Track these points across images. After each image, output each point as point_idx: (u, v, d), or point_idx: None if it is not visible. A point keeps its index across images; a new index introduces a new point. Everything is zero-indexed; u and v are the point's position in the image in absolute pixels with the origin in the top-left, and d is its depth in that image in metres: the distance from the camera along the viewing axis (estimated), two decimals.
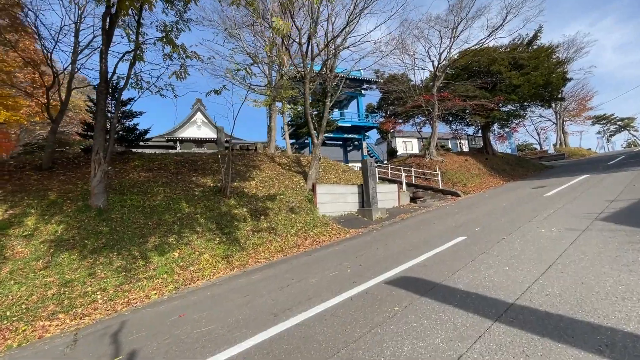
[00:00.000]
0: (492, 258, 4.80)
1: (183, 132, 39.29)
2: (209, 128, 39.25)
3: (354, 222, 11.07)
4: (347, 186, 12.36)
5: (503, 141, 36.85)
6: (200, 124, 39.94)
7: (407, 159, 21.23)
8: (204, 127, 39.44)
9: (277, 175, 12.37)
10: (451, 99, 18.06)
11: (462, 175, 17.75)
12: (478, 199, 12.71)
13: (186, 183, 10.33)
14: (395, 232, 8.57)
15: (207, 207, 9.40)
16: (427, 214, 11.03)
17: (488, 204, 11.02)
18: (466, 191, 15.40)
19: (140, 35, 9.74)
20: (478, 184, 17.04)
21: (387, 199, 13.56)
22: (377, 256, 6.16)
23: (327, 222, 10.55)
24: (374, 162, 11.82)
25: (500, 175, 19.57)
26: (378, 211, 11.57)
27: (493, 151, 24.09)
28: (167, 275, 6.92)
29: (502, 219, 7.81)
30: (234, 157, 13.54)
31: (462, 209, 10.91)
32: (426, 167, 18.73)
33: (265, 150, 16.95)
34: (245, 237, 8.70)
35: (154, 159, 12.05)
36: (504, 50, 20.32)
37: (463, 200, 13.23)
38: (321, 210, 11.31)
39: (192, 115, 40.75)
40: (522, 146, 40.81)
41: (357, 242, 8.22)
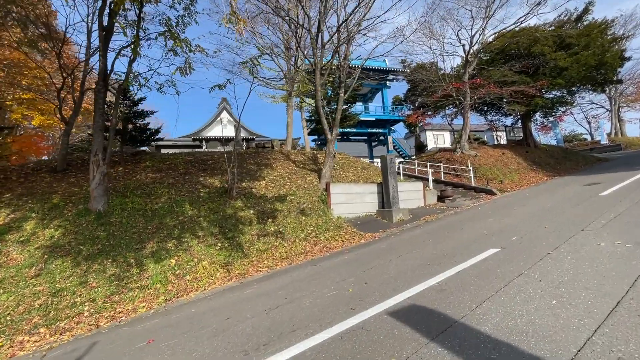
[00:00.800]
0: (533, 284, 3.67)
1: (209, 132, 40.05)
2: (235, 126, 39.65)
3: (372, 224, 10.06)
4: (365, 185, 11.34)
5: (546, 132, 33.57)
6: (225, 123, 40.46)
7: (436, 154, 19.63)
8: (229, 126, 39.87)
9: (290, 174, 11.63)
10: (485, 86, 16.23)
11: (498, 170, 15.97)
12: (516, 199, 11.14)
13: (192, 184, 9.89)
14: (415, 239, 7.48)
15: (212, 209, 8.87)
16: (455, 216, 9.75)
17: (528, 204, 9.51)
18: (503, 189, 13.73)
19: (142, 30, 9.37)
20: (517, 180, 15.21)
21: (411, 199, 12.35)
22: (388, 271, 5.18)
23: (341, 224, 9.65)
24: (394, 158, 10.69)
25: (544, 170, 17.43)
26: (399, 212, 10.46)
27: (535, 143, 21.70)
28: (161, 285, 6.43)
29: (546, 225, 6.45)
30: (246, 156, 13.01)
31: (496, 210, 9.51)
32: (457, 163, 17.11)
33: (281, 147, 16.33)
34: (249, 242, 8.05)
35: (166, 159, 11.81)
36: (548, 28, 17.99)
37: (498, 200, 11.70)
38: (336, 211, 10.42)
39: (218, 115, 41.38)
40: (569, 137, 36.81)
41: (370, 249, 7.26)
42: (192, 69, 8.95)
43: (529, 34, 17.51)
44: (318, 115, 10.47)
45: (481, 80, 16.48)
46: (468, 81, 16.50)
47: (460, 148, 17.77)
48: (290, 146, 15.43)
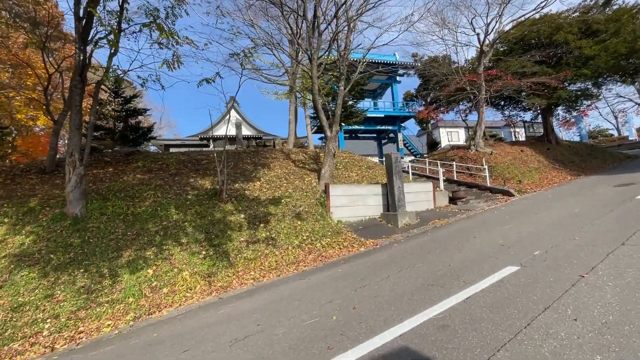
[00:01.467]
0: (566, 325, 2.78)
1: (218, 131, 39.85)
2: (244, 126, 39.34)
3: (375, 229, 9.21)
4: (369, 186, 10.47)
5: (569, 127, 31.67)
6: (234, 122, 40.28)
7: (449, 152, 18.50)
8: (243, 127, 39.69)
9: (288, 175, 10.89)
10: (502, 78, 14.99)
11: (516, 169, 14.76)
12: (537, 201, 10.04)
13: (181, 186, 9.28)
14: (419, 249, 6.60)
15: (199, 213, 8.22)
16: (468, 221, 8.77)
17: (552, 209, 8.44)
18: (521, 189, 12.58)
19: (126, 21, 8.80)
20: (537, 180, 13.98)
21: (420, 200, 11.39)
22: (383, 293, 4.36)
23: (340, 230, 8.84)
24: (400, 156, 9.79)
25: (567, 168, 16.07)
26: (405, 216, 9.56)
27: (556, 139, 20.21)
28: (133, 300, 5.80)
29: (575, 236, 5.46)
30: (244, 155, 12.35)
31: (515, 215, 8.48)
32: (471, 161, 15.97)
33: (283, 146, 15.63)
34: (236, 250, 7.36)
35: (159, 159, 11.27)
36: (572, 14, 16.54)
37: (517, 202, 10.61)
38: (335, 215, 9.61)
39: (226, 113, 41.06)
40: (594, 132, 34.62)
41: (368, 261, 6.42)
42: (181, 62, 8.31)
43: (551, 20, 16.14)
44: (316, 111, 9.68)
45: (497, 72, 15.24)
46: (483, 73, 15.29)
47: (474, 145, 16.59)
48: (292, 144, 14.70)
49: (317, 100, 9.15)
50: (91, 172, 9.78)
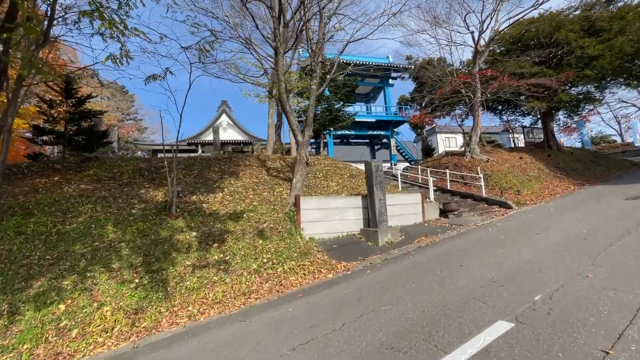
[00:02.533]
0: None
1: (208, 135, 38.88)
2: (235, 130, 38.29)
3: (351, 248, 8.00)
4: (347, 198, 9.28)
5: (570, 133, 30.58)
6: (225, 126, 39.25)
7: (442, 159, 17.34)
8: (229, 130, 38.60)
9: (257, 185, 9.71)
10: (497, 78, 13.89)
11: (514, 178, 13.57)
12: (538, 216, 8.85)
13: (129, 198, 8.09)
14: (394, 280, 5.38)
15: (141, 231, 7.02)
16: (457, 240, 7.56)
17: (555, 226, 7.24)
18: (520, 201, 11.38)
19: (64, 9, 7.72)
20: (537, 190, 12.79)
21: (406, 213, 10.20)
22: (329, 352, 3.14)
23: (310, 249, 7.63)
24: (381, 164, 8.63)
25: (570, 177, 14.88)
26: (387, 233, 8.35)
27: (558, 145, 19.06)
28: (28, 346, 4.57)
29: (587, 270, 4.26)
30: (213, 162, 11.18)
31: (512, 233, 7.27)
32: (466, 169, 14.80)
33: (262, 151, 14.51)
34: (179, 277, 6.14)
35: (115, 166, 10.11)
36: (574, 12, 15.51)
37: (515, 216, 9.40)
38: (307, 231, 8.41)
39: (217, 118, 40.19)
40: (597, 138, 33.50)
41: (329, 295, 5.21)
42: (130, 57, 7.21)
43: (551, 18, 15.10)
44: (284, 112, 8.54)
45: (493, 72, 14.14)
46: (478, 73, 14.18)
47: (470, 152, 15.43)
48: (271, 150, 13.55)
49: (285, 101, 7.99)
50: (31, 181, 8.61)
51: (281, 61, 7.75)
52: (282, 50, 7.72)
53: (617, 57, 13.83)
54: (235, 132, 37.90)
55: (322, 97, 15.16)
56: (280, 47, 7.64)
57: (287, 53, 9.04)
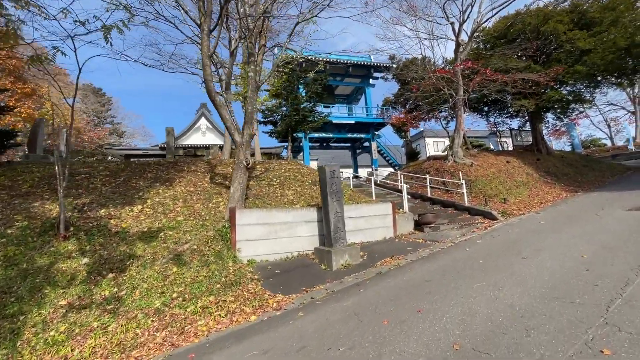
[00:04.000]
0: None
1: (187, 140, 37.15)
2: (215, 134, 36.57)
3: (298, 274, 6.40)
4: (299, 210, 7.70)
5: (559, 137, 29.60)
6: (204, 130, 37.59)
7: (424, 163, 15.92)
8: (209, 133, 36.92)
9: (192, 194, 8.06)
10: (479, 71, 12.54)
11: (500, 184, 12.17)
12: (526, 231, 7.38)
13: (14, 212, 6.38)
14: (324, 333, 3.79)
15: (9, 258, 5.31)
16: (427, 265, 6.02)
17: (548, 247, 5.76)
18: (506, 210, 9.94)
19: None
20: (526, 198, 11.39)
21: (373, 227, 8.66)
22: None
23: (242, 277, 5.99)
24: (337, 169, 7.07)
25: (561, 182, 13.57)
26: (344, 254, 6.78)
27: (547, 149, 17.83)
28: None
29: (601, 333, 2.71)
30: (151, 167, 9.50)
31: (493, 256, 5.76)
32: (448, 174, 13.37)
33: (218, 155, 12.92)
34: (42, 324, 4.45)
35: (26, 171, 8.37)
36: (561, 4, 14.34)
37: (500, 230, 7.93)
38: (245, 252, 6.79)
39: (196, 121, 38.50)
40: (587, 142, 32.63)
41: (230, 357, 3.60)
42: (19, 37, 5.60)
43: (538, 11, 13.89)
44: (213, 104, 6.93)
45: (474, 64, 12.80)
46: (459, 65, 12.78)
47: (452, 155, 14.03)
48: (228, 154, 11.93)
49: (212, 89, 6.35)
50: None
51: (206, 41, 6.20)
52: (206, 27, 6.17)
53: (610, 52, 12.63)
54: (215, 135, 36.15)
55: (289, 96, 13.65)
56: (204, 23, 6.10)
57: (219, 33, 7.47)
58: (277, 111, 13.65)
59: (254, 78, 6.66)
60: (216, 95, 6.39)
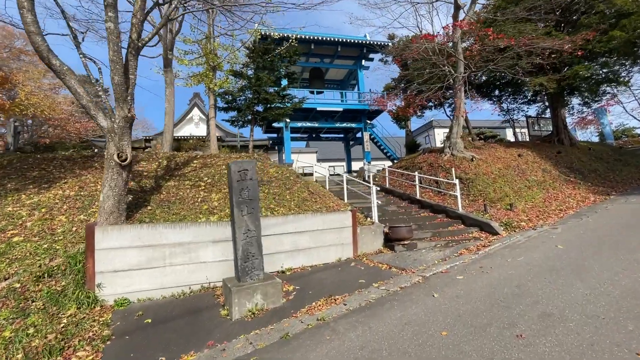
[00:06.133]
0: None
1: (179, 131, 35.55)
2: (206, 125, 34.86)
3: (180, 327, 4.23)
4: (205, 226, 5.49)
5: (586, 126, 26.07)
6: (197, 121, 35.95)
7: (418, 156, 13.37)
8: (202, 125, 35.18)
9: (65, 201, 5.96)
10: (478, 33, 9.74)
11: (507, 184, 9.57)
12: (536, 261, 4.93)
13: None
14: None
15: None
16: (370, 323, 3.71)
17: (568, 304, 3.31)
18: (512, 221, 7.43)
19: None
20: (540, 202, 8.79)
21: (323, 245, 6.38)
22: None
23: (79, 333, 3.85)
24: (251, 169, 4.74)
25: (588, 181, 10.81)
26: (254, 293, 4.55)
27: (571, 139, 14.87)
28: None
29: None
30: (46, 163, 7.47)
31: (473, 318, 3.38)
32: (443, 170, 10.84)
33: (157, 147, 10.87)
34: None
35: None
36: None
37: (496, 257, 5.49)
38: (111, 289, 4.67)
39: (188, 112, 36.91)
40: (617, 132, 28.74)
41: None
42: None
43: None
44: (48, 67, 4.69)
45: (474, 24, 10.04)
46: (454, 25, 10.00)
47: (450, 147, 11.43)
48: (168, 145, 9.82)
49: (41, 45, 4.11)
50: None
51: None
52: None
53: None
54: None
55: (244, 75, 11.35)
56: None
57: None
58: (236, 95, 11.40)
59: (114, 30, 4.47)
60: (52, 57, 4.22)
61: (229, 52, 12.08)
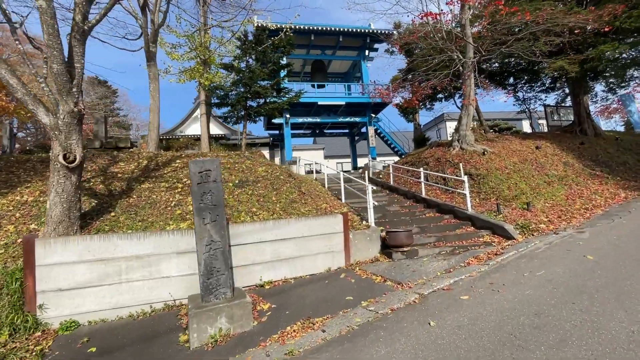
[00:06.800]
0: None
1: (186, 130, 35.67)
2: (214, 124, 34.50)
3: (138, 353, 3.57)
4: (168, 235, 4.80)
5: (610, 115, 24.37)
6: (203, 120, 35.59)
7: (425, 151, 12.40)
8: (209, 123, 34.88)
9: (17, 208, 5.38)
10: (487, 6, 8.66)
11: (523, 180, 8.55)
12: (560, 277, 4.02)
13: None
14: None
15: None
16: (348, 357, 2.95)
17: (614, 330, 2.43)
18: (529, 223, 6.48)
19: None
20: (562, 200, 7.77)
21: (310, 254, 5.63)
22: None
23: None
24: (216, 167, 4.10)
25: (617, 175, 9.66)
26: (218, 315, 3.85)
27: (595, 129, 13.57)
28: None
29: None
30: (27, 164, 6.96)
31: (498, 337, 2.56)
32: (451, 166, 9.89)
33: (142, 147, 10.31)
34: None
35: None
36: None
37: (510, 269, 4.60)
38: (56, 310, 4.07)
39: (194, 110, 36.74)
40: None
41: None
42: None
43: None
44: None
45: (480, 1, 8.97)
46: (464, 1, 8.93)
47: (459, 140, 10.45)
48: (153, 145, 9.23)
49: None
50: None
51: None
52: None
53: None
54: (214, 125, 34.08)
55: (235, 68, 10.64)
56: None
57: None
58: (227, 89, 10.73)
59: (47, 10, 3.81)
60: None
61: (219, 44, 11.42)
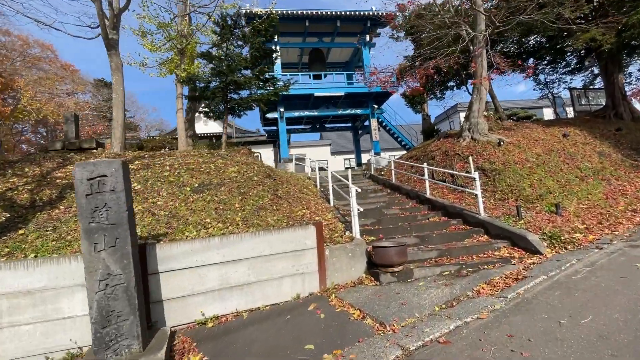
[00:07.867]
0: None
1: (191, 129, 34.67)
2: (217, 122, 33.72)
3: None
4: (69, 262, 3.64)
5: None
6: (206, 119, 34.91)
7: (432, 143, 10.89)
8: (210, 122, 34.07)
9: None
10: None
11: (548, 175, 7.00)
12: (628, 316, 2.60)
13: None
14: None
15: None
16: None
17: None
18: (560, 231, 5.00)
19: None
20: (601, 199, 6.20)
21: (272, 278, 4.38)
22: None
23: None
24: (117, 171, 2.84)
25: None
26: None
27: (632, 113, 11.68)
28: None
29: None
30: None
31: None
32: (460, 159, 8.40)
33: (107, 147, 9.29)
34: None
35: None
36: None
37: (542, 302, 3.21)
38: None
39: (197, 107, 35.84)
40: None
41: None
42: None
43: None
44: None
45: None
46: None
47: (469, 130, 8.93)
48: (118, 145, 8.10)
49: None
50: None
51: None
52: None
53: None
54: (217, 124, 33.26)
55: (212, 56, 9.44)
56: None
57: None
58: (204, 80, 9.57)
59: None
60: None
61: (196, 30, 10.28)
